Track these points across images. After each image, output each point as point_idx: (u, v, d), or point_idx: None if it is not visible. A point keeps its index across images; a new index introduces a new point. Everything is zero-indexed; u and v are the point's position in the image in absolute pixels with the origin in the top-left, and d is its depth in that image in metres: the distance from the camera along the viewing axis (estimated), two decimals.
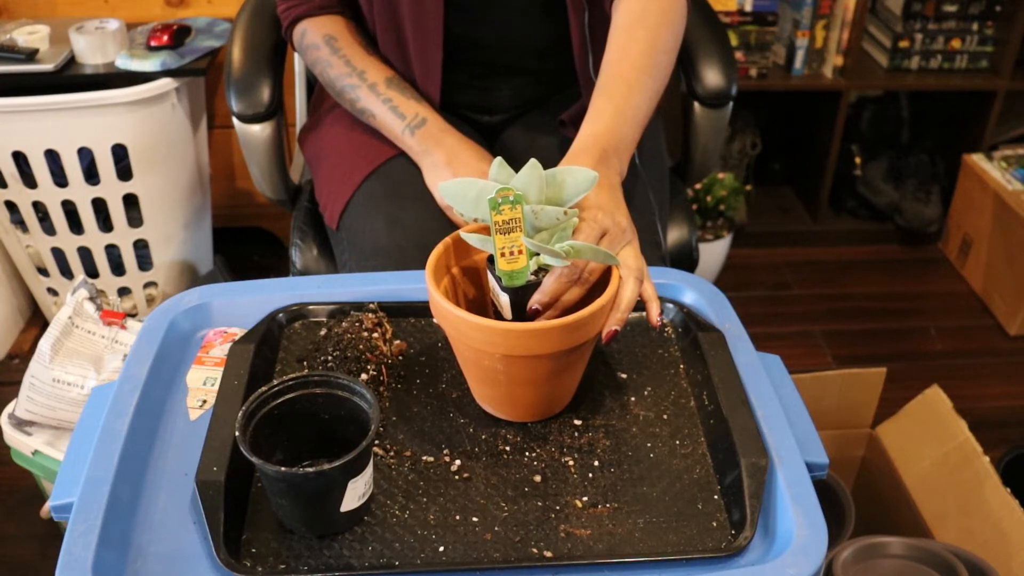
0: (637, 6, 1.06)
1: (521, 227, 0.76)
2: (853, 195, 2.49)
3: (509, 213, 0.75)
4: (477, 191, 0.80)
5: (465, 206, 0.81)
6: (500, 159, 0.81)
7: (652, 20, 1.05)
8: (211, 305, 0.94)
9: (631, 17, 1.06)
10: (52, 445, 1.39)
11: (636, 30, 1.05)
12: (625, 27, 1.05)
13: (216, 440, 0.77)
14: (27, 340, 2.02)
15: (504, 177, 0.79)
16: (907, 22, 2.24)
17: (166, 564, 0.70)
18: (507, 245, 0.75)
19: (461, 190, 0.81)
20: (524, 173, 0.78)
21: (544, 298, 0.80)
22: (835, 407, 1.55)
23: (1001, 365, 2.07)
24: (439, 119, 1.15)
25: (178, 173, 1.88)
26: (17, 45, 1.74)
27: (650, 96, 1.03)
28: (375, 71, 1.16)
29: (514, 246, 0.76)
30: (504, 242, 0.75)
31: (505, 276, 0.77)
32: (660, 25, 1.05)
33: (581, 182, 0.80)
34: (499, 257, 0.77)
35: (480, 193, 0.80)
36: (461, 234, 0.82)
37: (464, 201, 0.81)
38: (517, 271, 0.77)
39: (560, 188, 0.80)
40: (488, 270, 0.82)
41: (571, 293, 0.82)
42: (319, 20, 1.19)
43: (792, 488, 0.74)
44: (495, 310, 0.83)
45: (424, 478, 0.78)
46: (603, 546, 0.72)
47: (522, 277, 0.78)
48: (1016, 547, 1.30)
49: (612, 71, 1.02)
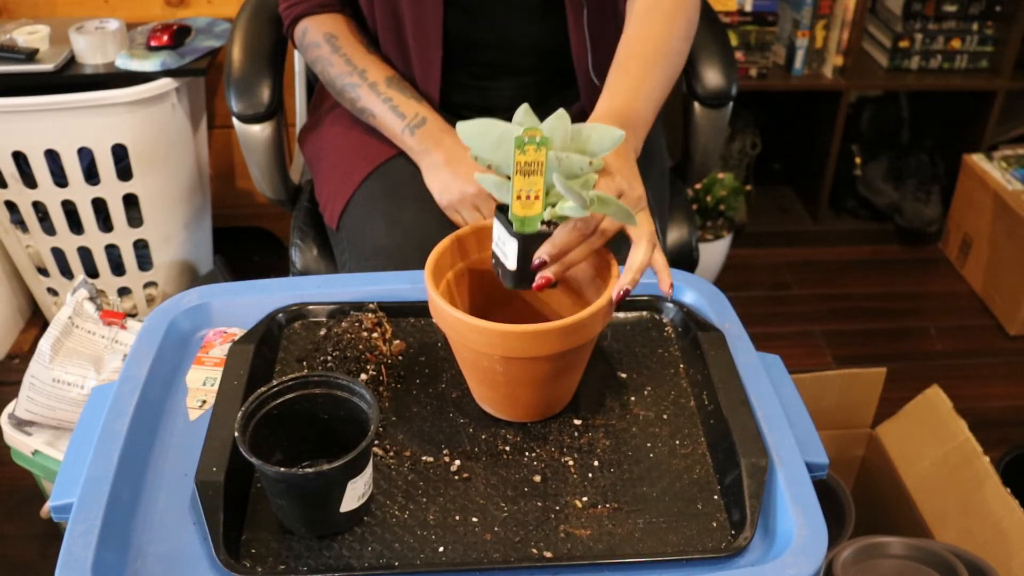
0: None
1: (542, 171, 0.73)
2: (853, 195, 2.49)
3: (533, 155, 0.72)
4: (500, 132, 0.77)
5: (483, 148, 0.77)
6: (526, 105, 0.78)
7: (668, 6, 1.08)
8: (211, 305, 0.94)
9: (648, 3, 1.08)
10: (52, 445, 1.39)
11: (654, 14, 1.07)
12: (642, 12, 1.08)
13: (216, 440, 0.77)
14: (27, 340, 2.02)
15: (529, 123, 0.76)
16: (907, 22, 2.24)
17: (166, 564, 0.70)
18: (525, 188, 0.72)
19: (481, 130, 0.77)
20: (551, 121, 0.76)
21: (553, 250, 0.78)
22: (835, 407, 1.55)
23: (1001, 365, 2.07)
24: (439, 119, 1.15)
25: (178, 173, 1.88)
26: (17, 45, 1.74)
27: (665, 79, 1.05)
28: (376, 70, 1.16)
29: (532, 190, 0.73)
30: (523, 184, 0.72)
31: (517, 221, 0.74)
32: (676, 11, 1.08)
33: (606, 138, 0.78)
34: (515, 200, 0.73)
35: (503, 135, 0.76)
36: (477, 175, 0.78)
37: (483, 142, 0.77)
38: (531, 217, 0.74)
39: (585, 142, 0.78)
40: (496, 219, 0.78)
41: (578, 251, 0.80)
42: (320, 19, 1.19)
43: (792, 488, 0.74)
44: (496, 263, 0.80)
45: (424, 478, 0.78)
46: (603, 546, 0.72)
47: (534, 224, 0.75)
48: (1016, 547, 1.30)
49: (629, 51, 1.04)
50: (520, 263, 0.77)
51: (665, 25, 1.06)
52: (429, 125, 1.13)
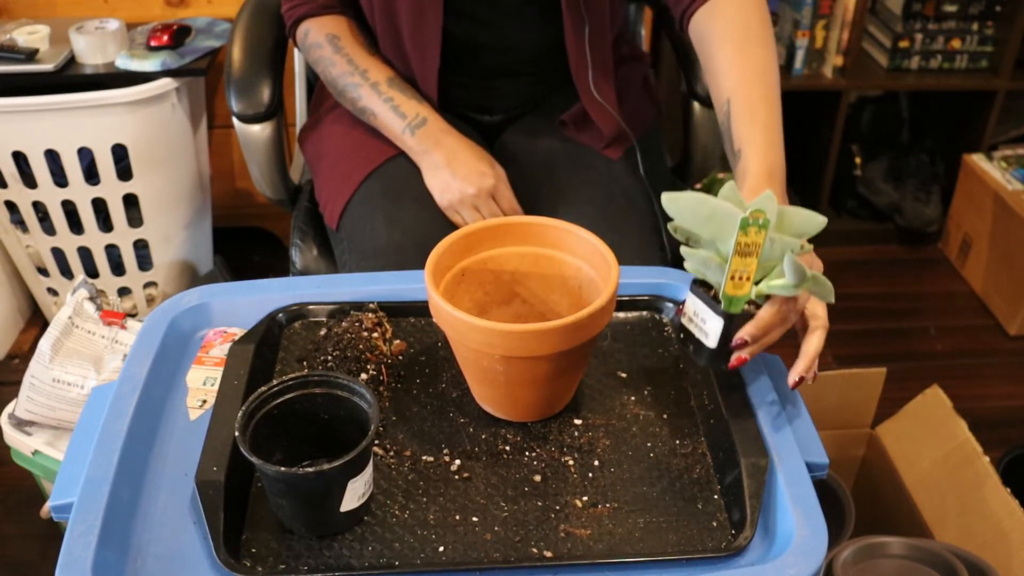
0: (739, 23, 1.00)
1: (759, 252, 0.72)
2: (853, 195, 2.49)
3: (754, 237, 0.71)
4: (711, 208, 0.75)
5: (694, 223, 0.76)
6: (733, 184, 0.76)
7: (757, 30, 0.99)
8: (211, 305, 0.94)
9: (736, 33, 0.99)
10: (52, 445, 1.39)
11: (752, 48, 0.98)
12: (737, 44, 0.98)
13: (216, 440, 0.77)
14: (27, 340, 2.02)
15: (735, 200, 0.76)
16: (907, 22, 2.24)
17: (166, 564, 0.70)
18: (740, 269, 0.72)
19: (692, 206, 0.76)
20: (762, 201, 0.74)
21: (756, 331, 0.77)
22: (835, 407, 1.55)
23: (1001, 365, 2.07)
24: (439, 119, 1.15)
25: (178, 173, 1.87)
26: (17, 45, 1.74)
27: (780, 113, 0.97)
28: (377, 70, 1.16)
29: (746, 271, 0.73)
30: (739, 264, 0.72)
31: (727, 300, 0.74)
32: (767, 38, 1.00)
33: (808, 222, 0.77)
34: (728, 279, 0.73)
35: (714, 212, 0.75)
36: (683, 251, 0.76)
37: (693, 217, 0.76)
38: (739, 297, 0.74)
39: (789, 224, 0.76)
40: (695, 295, 0.77)
41: (777, 331, 0.79)
42: (322, 20, 1.19)
43: (792, 488, 0.74)
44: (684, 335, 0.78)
45: (424, 478, 0.78)
46: (603, 546, 0.72)
47: (741, 304, 0.75)
48: (1016, 547, 1.30)
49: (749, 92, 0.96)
50: (721, 341, 0.76)
51: (766, 59, 0.98)
52: (429, 125, 1.13)
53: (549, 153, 1.22)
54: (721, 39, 0.99)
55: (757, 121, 0.94)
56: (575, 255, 0.85)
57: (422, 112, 1.14)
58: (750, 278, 0.74)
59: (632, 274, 0.97)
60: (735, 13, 1.00)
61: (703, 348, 0.76)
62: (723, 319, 0.74)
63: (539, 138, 1.25)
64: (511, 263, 0.87)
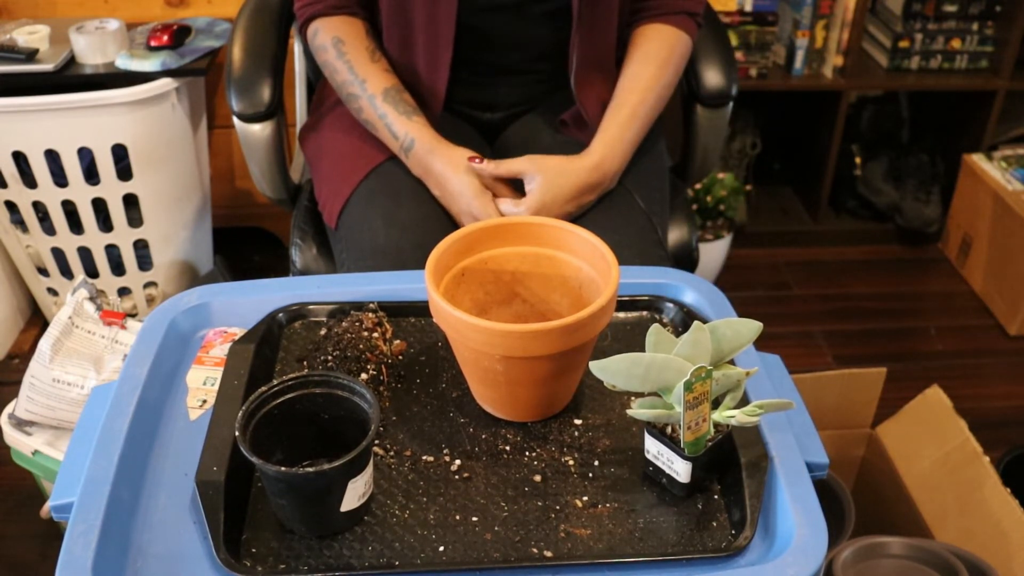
0: (654, 43, 1.21)
1: (709, 396, 0.73)
2: (853, 195, 2.49)
3: (700, 388, 0.72)
4: (645, 364, 0.73)
5: (633, 383, 0.75)
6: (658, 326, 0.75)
7: (664, 55, 1.21)
8: (211, 305, 0.94)
9: (646, 52, 1.21)
10: (52, 445, 1.39)
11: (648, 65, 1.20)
12: (639, 59, 1.21)
13: (216, 440, 0.77)
14: (27, 340, 2.02)
15: (666, 344, 0.75)
16: (907, 22, 2.24)
17: (166, 564, 0.70)
18: (694, 417, 0.72)
19: (625, 368, 0.74)
20: (692, 336, 0.73)
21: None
22: (835, 407, 1.55)
23: (1001, 365, 2.07)
24: (425, 138, 1.14)
25: (178, 173, 1.87)
26: (17, 45, 1.74)
27: (647, 125, 1.20)
28: (374, 81, 1.17)
29: (700, 416, 0.73)
30: (693, 415, 0.72)
31: (690, 447, 0.74)
32: (668, 63, 1.21)
33: (743, 334, 0.76)
34: (686, 431, 0.73)
35: (649, 367, 0.73)
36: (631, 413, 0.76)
37: (631, 379, 0.74)
38: (700, 437, 0.74)
39: (720, 342, 0.76)
40: (653, 438, 0.76)
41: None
42: (331, 21, 1.19)
43: (792, 488, 0.74)
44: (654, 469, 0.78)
45: (424, 478, 0.78)
46: (603, 546, 0.72)
47: (703, 444, 0.75)
48: (1016, 547, 1.30)
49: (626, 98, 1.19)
50: (693, 476, 0.76)
51: (658, 68, 1.20)
52: (416, 148, 1.14)
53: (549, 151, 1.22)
54: (632, 52, 1.22)
55: (618, 119, 1.17)
56: (575, 255, 0.85)
57: (411, 132, 1.14)
58: (707, 419, 0.74)
59: (632, 274, 0.97)
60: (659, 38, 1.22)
61: (676, 483, 0.76)
62: (690, 460, 0.74)
63: (539, 136, 1.25)
64: (511, 263, 0.87)
